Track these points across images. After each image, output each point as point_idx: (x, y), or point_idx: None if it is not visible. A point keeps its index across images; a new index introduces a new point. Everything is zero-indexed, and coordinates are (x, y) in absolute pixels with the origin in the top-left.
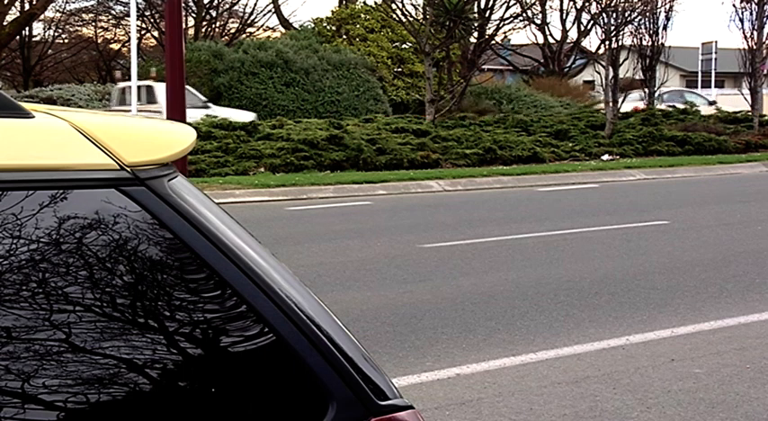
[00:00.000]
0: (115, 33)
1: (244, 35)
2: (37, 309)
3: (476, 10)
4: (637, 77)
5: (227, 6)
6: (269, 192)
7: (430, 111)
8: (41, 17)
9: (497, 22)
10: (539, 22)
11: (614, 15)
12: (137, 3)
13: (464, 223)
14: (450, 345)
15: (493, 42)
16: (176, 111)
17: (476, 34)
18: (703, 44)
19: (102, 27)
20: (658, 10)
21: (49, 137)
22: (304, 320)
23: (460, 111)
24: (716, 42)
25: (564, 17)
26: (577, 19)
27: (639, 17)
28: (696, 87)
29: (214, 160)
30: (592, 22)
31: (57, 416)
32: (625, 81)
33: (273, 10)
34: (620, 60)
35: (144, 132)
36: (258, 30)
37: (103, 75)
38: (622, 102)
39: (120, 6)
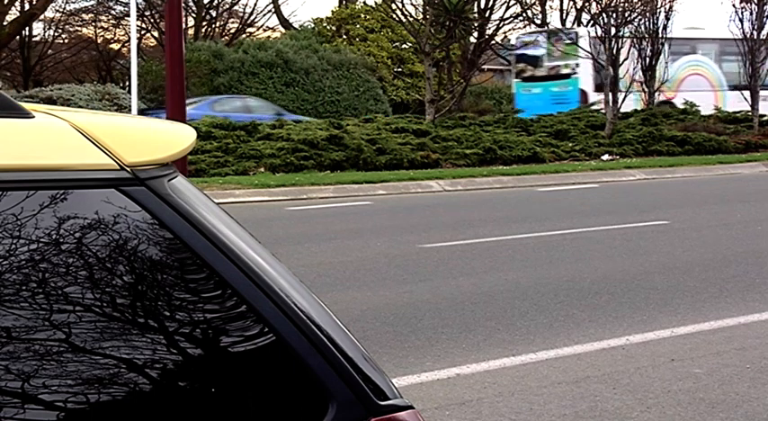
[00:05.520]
0: (115, 33)
1: (244, 35)
2: (37, 309)
3: (476, 10)
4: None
5: (227, 6)
6: (269, 192)
7: (430, 111)
8: (41, 17)
9: (497, 22)
10: (539, 22)
11: (614, 15)
12: (137, 3)
13: (464, 223)
14: (450, 345)
15: (493, 42)
16: (176, 112)
17: (476, 34)
18: None
19: (102, 27)
20: (658, 10)
21: (49, 137)
22: (304, 320)
23: (460, 111)
24: None
25: (564, 17)
26: (577, 19)
27: (639, 17)
28: None
29: (214, 160)
30: (592, 22)
31: (57, 416)
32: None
33: (273, 10)
34: (620, 60)
35: (144, 132)
36: (258, 30)
37: (103, 75)
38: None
39: (120, 6)
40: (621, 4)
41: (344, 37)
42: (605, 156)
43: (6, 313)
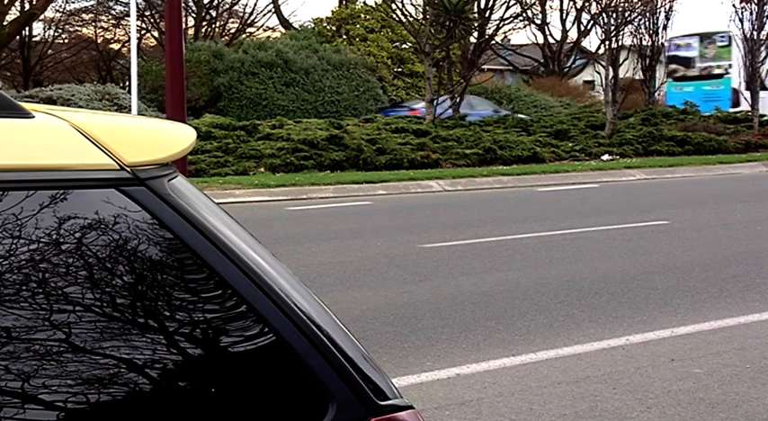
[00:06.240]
0: (115, 33)
1: (244, 35)
2: (37, 309)
3: (476, 10)
4: (637, 77)
5: (227, 6)
6: (269, 192)
7: (430, 111)
8: (41, 17)
9: (497, 22)
10: (539, 22)
11: (614, 15)
12: (137, 3)
13: (464, 223)
14: (450, 345)
15: (493, 42)
16: (176, 112)
17: (476, 34)
18: None
19: (102, 27)
20: (658, 10)
21: (49, 137)
22: (304, 320)
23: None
24: None
25: (564, 17)
26: (577, 19)
27: (639, 17)
28: None
29: (214, 160)
30: (592, 22)
31: (57, 416)
32: (625, 81)
33: (273, 10)
34: (620, 60)
35: (144, 132)
36: (258, 30)
37: (103, 75)
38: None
39: (120, 6)
40: (621, 4)
41: (344, 37)
42: (605, 156)
43: (6, 313)
